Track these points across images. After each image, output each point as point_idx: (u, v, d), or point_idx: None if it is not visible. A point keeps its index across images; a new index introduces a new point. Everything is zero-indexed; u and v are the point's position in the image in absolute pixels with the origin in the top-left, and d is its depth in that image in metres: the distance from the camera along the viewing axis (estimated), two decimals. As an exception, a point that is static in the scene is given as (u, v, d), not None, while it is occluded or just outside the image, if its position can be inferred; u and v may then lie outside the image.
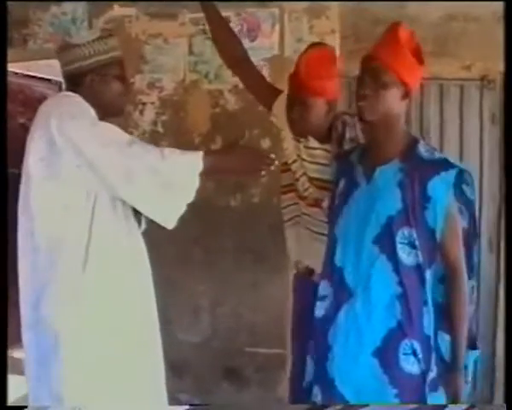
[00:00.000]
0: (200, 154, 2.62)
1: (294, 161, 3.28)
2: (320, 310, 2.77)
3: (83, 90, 2.72)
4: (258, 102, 3.47)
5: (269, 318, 3.55)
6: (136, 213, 2.79)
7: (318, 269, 3.23)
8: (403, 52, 2.57)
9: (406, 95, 2.62)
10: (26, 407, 2.71)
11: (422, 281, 2.59)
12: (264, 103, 3.43)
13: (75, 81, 2.74)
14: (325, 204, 3.17)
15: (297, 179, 3.29)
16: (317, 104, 3.11)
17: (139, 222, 2.85)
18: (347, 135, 3.20)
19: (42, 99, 5.06)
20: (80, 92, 2.72)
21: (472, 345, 2.74)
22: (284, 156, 3.37)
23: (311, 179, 3.24)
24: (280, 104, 3.28)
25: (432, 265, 2.62)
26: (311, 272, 3.31)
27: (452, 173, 2.57)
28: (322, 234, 3.20)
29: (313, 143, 3.21)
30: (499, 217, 4.32)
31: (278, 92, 3.35)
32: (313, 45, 3.28)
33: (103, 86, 2.74)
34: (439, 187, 2.54)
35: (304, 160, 3.24)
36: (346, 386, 2.62)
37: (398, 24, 2.64)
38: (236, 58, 3.41)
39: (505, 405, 2.52)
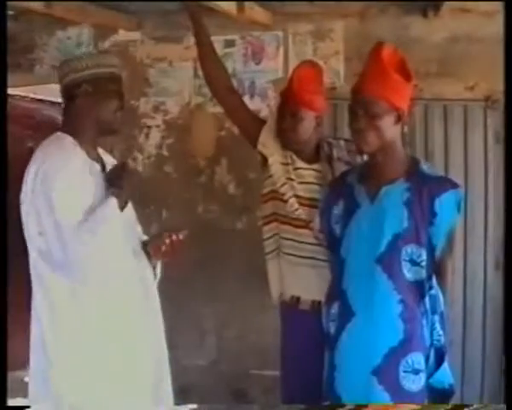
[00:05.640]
0: None
1: (283, 184, 3.28)
2: (332, 330, 2.79)
3: (77, 103, 2.72)
4: (243, 135, 3.48)
5: (275, 340, 3.53)
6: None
7: (304, 295, 3.26)
8: (389, 76, 2.58)
9: (399, 119, 2.65)
10: (26, 407, 2.72)
11: (422, 295, 2.64)
12: (248, 136, 3.42)
13: (70, 94, 2.74)
14: (314, 224, 3.20)
15: (285, 201, 3.28)
16: (307, 117, 3.23)
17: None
18: (335, 154, 3.32)
19: (50, 123, 5.10)
20: (76, 105, 2.73)
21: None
22: (269, 185, 3.38)
23: (301, 199, 3.26)
24: (267, 133, 3.34)
25: (430, 280, 2.67)
26: (297, 300, 3.31)
27: (460, 191, 2.61)
28: (310, 258, 3.23)
29: (301, 164, 3.31)
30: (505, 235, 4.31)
31: (262, 123, 3.40)
32: (304, 62, 3.45)
33: (97, 99, 2.72)
34: (447, 204, 2.58)
35: (293, 180, 3.28)
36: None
37: (379, 45, 2.64)
38: (223, 88, 3.42)
39: (505, 405, 2.52)
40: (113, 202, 2.64)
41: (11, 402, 2.89)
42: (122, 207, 2.67)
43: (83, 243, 2.52)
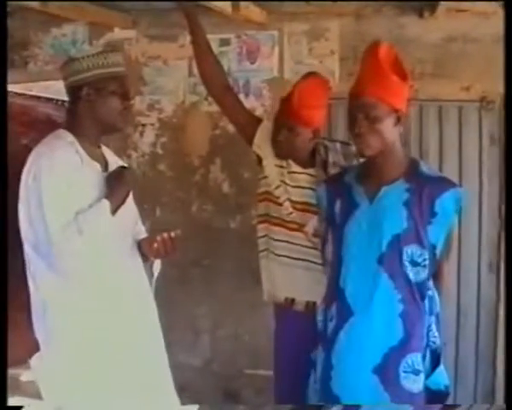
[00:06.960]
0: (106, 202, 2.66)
1: (278, 187, 3.28)
2: (329, 329, 2.78)
3: (80, 104, 2.74)
4: (239, 133, 3.46)
5: (268, 339, 3.53)
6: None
7: (299, 296, 3.25)
8: (387, 77, 2.55)
9: (399, 120, 2.63)
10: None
11: (422, 296, 2.64)
12: (244, 134, 3.41)
13: (74, 94, 2.76)
14: (308, 229, 3.18)
15: (280, 204, 3.28)
16: (304, 132, 3.18)
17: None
18: (330, 159, 3.30)
19: (46, 120, 5.07)
20: (79, 106, 2.74)
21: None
22: (264, 185, 3.37)
23: (294, 203, 3.25)
24: (262, 134, 3.31)
25: (428, 281, 2.67)
26: (291, 301, 3.31)
27: (459, 190, 2.62)
28: (304, 260, 3.23)
29: (296, 167, 3.28)
30: (499, 238, 4.32)
31: (259, 121, 3.39)
32: (309, 74, 3.31)
33: (99, 101, 2.72)
34: (448, 203, 2.57)
35: (287, 184, 3.27)
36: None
37: (375, 44, 2.61)
38: (219, 86, 3.40)
39: (505, 405, 2.52)
40: (106, 204, 2.64)
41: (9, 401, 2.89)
42: (114, 211, 2.66)
43: (68, 241, 2.53)
